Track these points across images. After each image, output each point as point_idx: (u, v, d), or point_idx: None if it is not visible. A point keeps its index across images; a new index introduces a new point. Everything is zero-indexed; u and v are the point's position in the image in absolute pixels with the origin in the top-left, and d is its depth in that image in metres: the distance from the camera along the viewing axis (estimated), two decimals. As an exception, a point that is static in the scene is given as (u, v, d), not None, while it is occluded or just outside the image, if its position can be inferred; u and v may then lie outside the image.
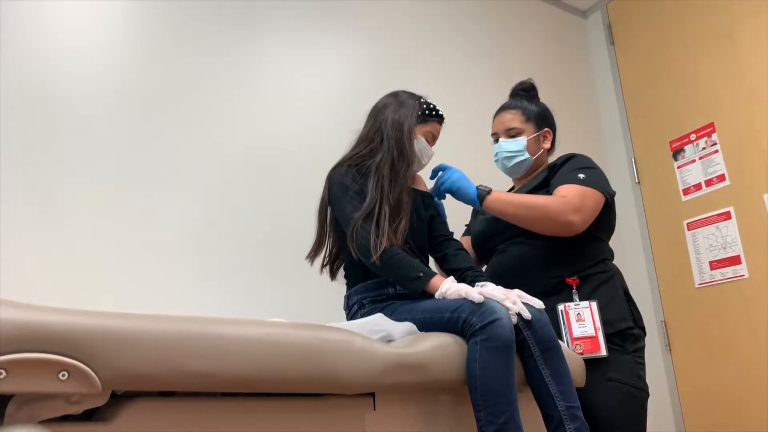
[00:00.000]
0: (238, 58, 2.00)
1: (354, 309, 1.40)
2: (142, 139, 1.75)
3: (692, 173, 2.54)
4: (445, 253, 1.46)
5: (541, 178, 1.60)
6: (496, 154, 1.68)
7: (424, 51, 2.48)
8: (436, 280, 1.26)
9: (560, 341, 1.24)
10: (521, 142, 1.63)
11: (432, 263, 1.51)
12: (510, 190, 1.76)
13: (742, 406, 2.23)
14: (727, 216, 2.38)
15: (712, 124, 2.49)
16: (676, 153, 2.63)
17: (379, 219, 1.28)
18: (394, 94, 1.49)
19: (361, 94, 1.57)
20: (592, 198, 1.48)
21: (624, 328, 1.44)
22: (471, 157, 2.43)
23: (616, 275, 1.54)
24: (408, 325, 1.20)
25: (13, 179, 1.52)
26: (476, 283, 1.29)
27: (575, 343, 1.39)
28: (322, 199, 1.46)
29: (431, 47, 2.51)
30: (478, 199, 1.50)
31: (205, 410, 0.89)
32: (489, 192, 1.51)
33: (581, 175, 1.50)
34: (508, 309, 1.14)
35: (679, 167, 2.60)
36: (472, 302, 1.15)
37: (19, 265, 1.46)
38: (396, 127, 1.39)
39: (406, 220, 1.31)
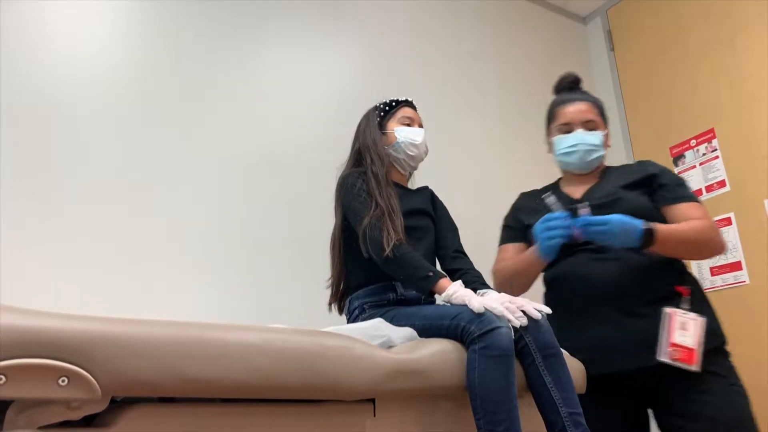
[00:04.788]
0: (239, 62, 2.00)
1: (355, 313, 1.41)
2: (143, 143, 1.75)
3: (693, 179, 2.54)
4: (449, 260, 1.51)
5: (637, 178, 1.48)
6: (574, 145, 1.51)
7: (423, 56, 2.48)
8: (444, 281, 1.27)
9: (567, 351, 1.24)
10: (599, 136, 1.52)
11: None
12: (554, 184, 1.64)
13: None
14: (727, 222, 2.38)
15: (712, 130, 2.49)
16: (677, 159, 2.63)
17: (383, 219, 1.36)
18: (366, 114, 1.60)
19: (362, 97, 1.58)
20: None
21: (721, 344, 1.44)
22: (473, 162, 2.44)
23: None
24: (408, 331, 1.20)
25: (13, 184, 1.52)
26: (478, 291, 1.29)
27: (672, 347, 1.33)
28: (334, 231, 1.51)
29: (431, 53, 2.52)
30: (647, 236, 1.32)
31: (205, 416, 0.89)
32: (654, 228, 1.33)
33: (692, 191, 1.49)
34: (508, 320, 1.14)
35: (679, 173, 2.60)
36: (471, 310, 1.15)
37: (19, 270, 1.46)
38: (368, 141, 1.54)
39: (400, 214, 1.41)
